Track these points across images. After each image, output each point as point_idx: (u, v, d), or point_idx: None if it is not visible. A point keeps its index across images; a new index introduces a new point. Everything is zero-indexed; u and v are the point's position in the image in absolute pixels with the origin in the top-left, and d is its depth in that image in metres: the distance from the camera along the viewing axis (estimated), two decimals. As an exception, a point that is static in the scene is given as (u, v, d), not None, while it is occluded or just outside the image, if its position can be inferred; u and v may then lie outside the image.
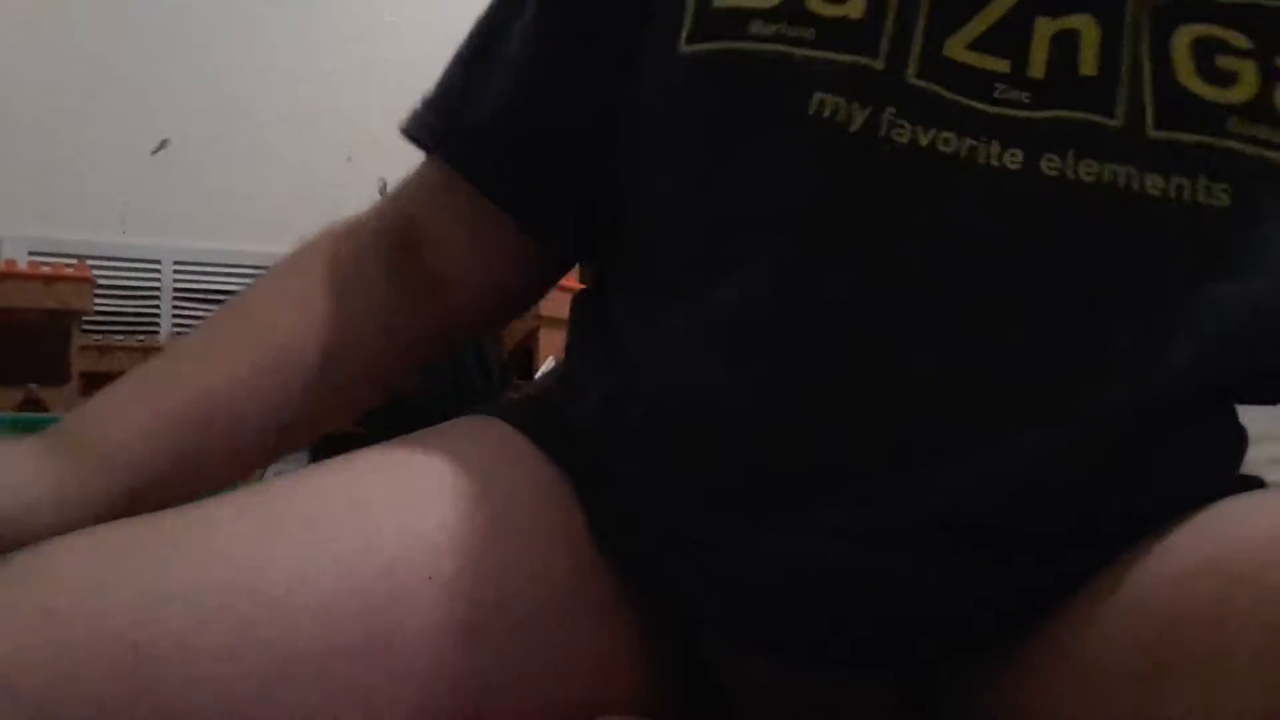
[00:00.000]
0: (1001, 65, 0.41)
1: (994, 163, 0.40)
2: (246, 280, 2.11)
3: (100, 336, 1.77)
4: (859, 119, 0.41)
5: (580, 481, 0.48)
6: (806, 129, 0.41)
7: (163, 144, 2.12)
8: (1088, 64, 0.41)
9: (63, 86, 2.05)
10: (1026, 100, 0.41)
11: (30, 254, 1.91)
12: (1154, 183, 0.40)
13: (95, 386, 1.77)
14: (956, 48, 0.41)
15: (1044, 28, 0.41)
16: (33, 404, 1.58)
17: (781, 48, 0.42)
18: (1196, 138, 0.40)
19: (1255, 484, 0.46)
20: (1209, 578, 0.36)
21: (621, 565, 0.47)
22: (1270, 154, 0.41)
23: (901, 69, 0.41)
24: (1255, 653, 0.33)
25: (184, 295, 2.10)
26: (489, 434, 0.50)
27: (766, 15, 0.42)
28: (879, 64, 0.41)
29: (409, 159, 0.57)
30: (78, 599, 0.36)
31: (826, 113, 0.41)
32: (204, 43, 2.15)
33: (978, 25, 0.41)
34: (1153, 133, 0.40)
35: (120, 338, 1.78)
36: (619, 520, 0.47)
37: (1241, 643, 0.34)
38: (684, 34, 0.44)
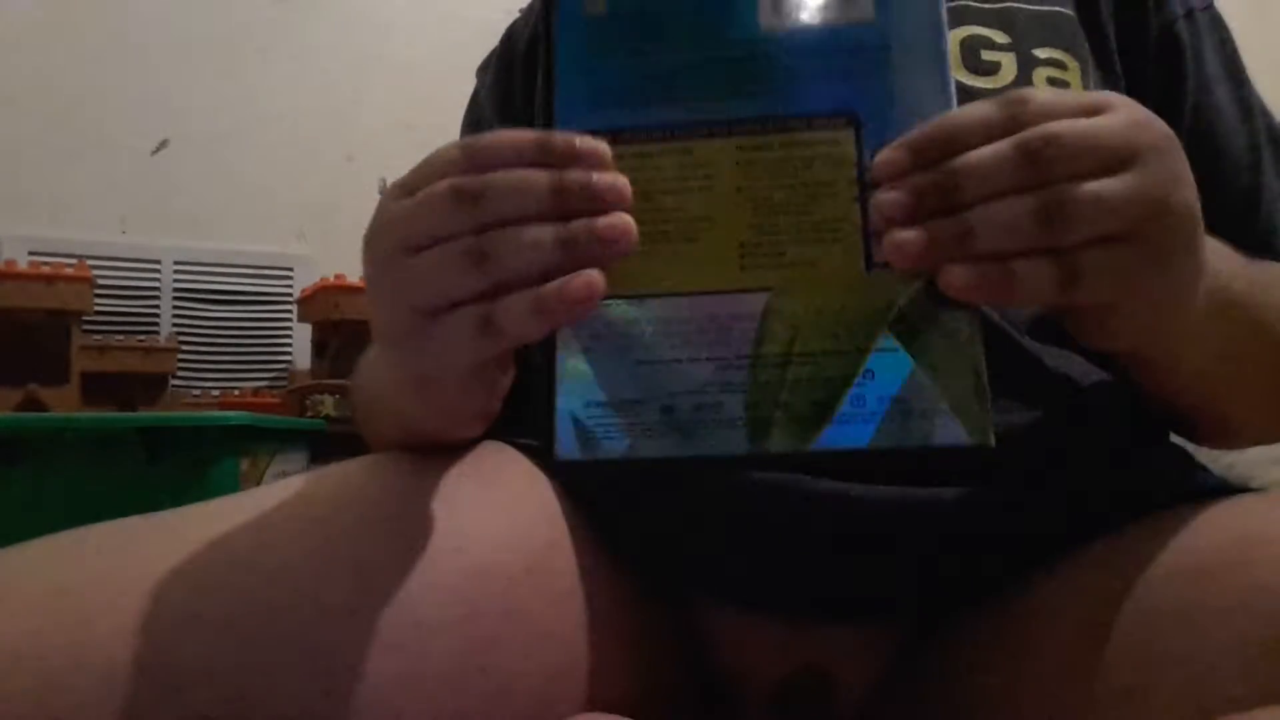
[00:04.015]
0: None
1: None
2: (246, 280, 2.12)
3: (100, 336, 1.76)
4: None
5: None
6: None
7: (163, 144, 2.12)
8: None
9: (63, 87, 2.05)
10: None
11: (30, 254, 1.90)
12: None
13: (95, 386, 1.76)
14: None
15: None
16: (33, 404, 1.58)
17: None
18: None
19: (1228, 489, 0.47)
20: (1181, 577, 0.38)
21: (611, 541, 0.49)
22: None
23: None
24: (1228, 645, 0.35)
25: (184, 295, 2.10)
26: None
27: None
28: None
29: (409, 159, 0.57)
30: (90, 578, 0.37)
31: None
32: (204, 43, 2.15)
33: None
34: None
35: (120, 338, 1.78)
36: (599, 489, 0.49)
37: (1216, 636, 0.35)
38: None
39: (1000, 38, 0.53)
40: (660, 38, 0.40)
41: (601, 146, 0.37)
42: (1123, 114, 0.36)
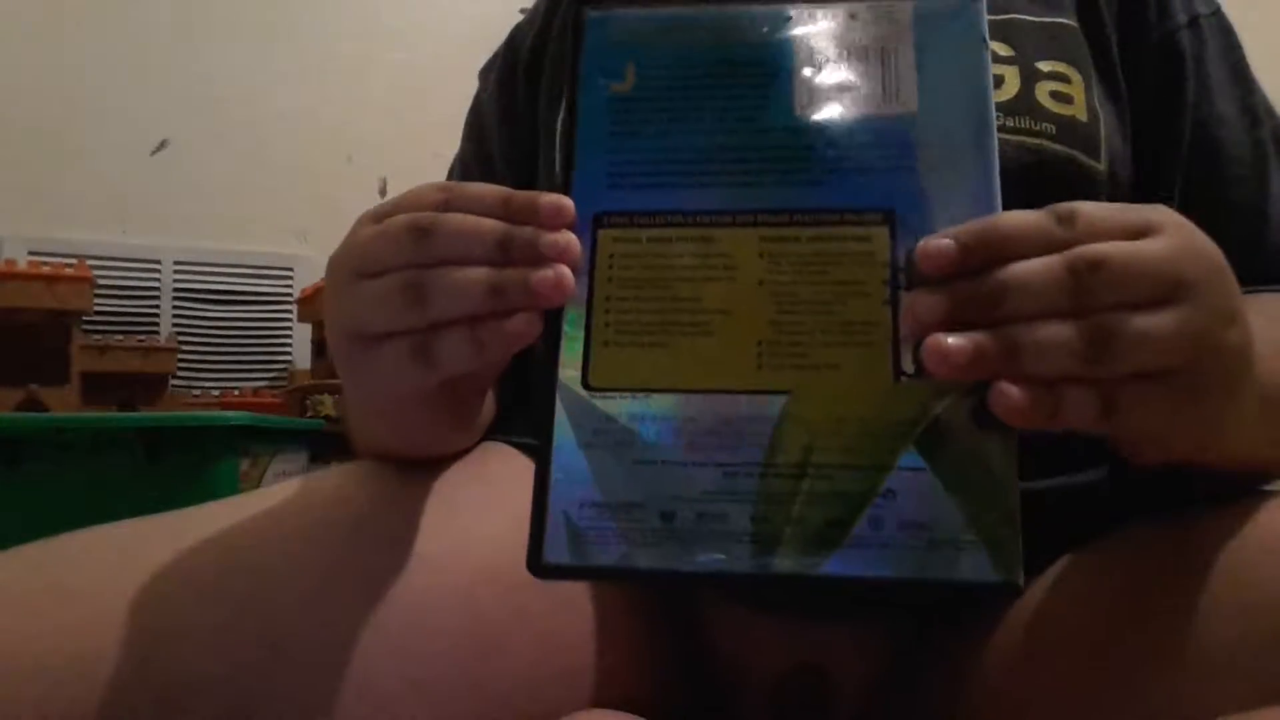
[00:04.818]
0: None
1: None
2: (246, 280, 2.12)
3: (100, 336, 1.77)
4: None
5: None
6: None
7: (163, 144, 2.12)
8: None
9: (63, 86, 2.05)
10: None
11: (30, 254, 1.91)
12: None
13: (95, 386, 1.76)
14: None
15: None
16: (33, 404, 1.58)
17: None
18: None
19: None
20: (1183, 578, 0.38)
21: None
22: (1029, 140, 0.50)
23: None
24: (1229, 644, 0.35)
25: (184, 295, 2.10)
26: (483, 447, 0.52)
27: None
28: None
29: (409, 159, 0.58)
30: (90, 582, 0.37)
31: None
32: (204, 43, 2.16)
33: None
34: None
35: (120, 338, 1.78)
36: None
37: (1217, 636, 0.36)
38: None
39: (1003, 50, 0.52)
40: (688, 120, 0.38)
41: (563, 204, 0.36)
42: (1173, 239, 0.33)
